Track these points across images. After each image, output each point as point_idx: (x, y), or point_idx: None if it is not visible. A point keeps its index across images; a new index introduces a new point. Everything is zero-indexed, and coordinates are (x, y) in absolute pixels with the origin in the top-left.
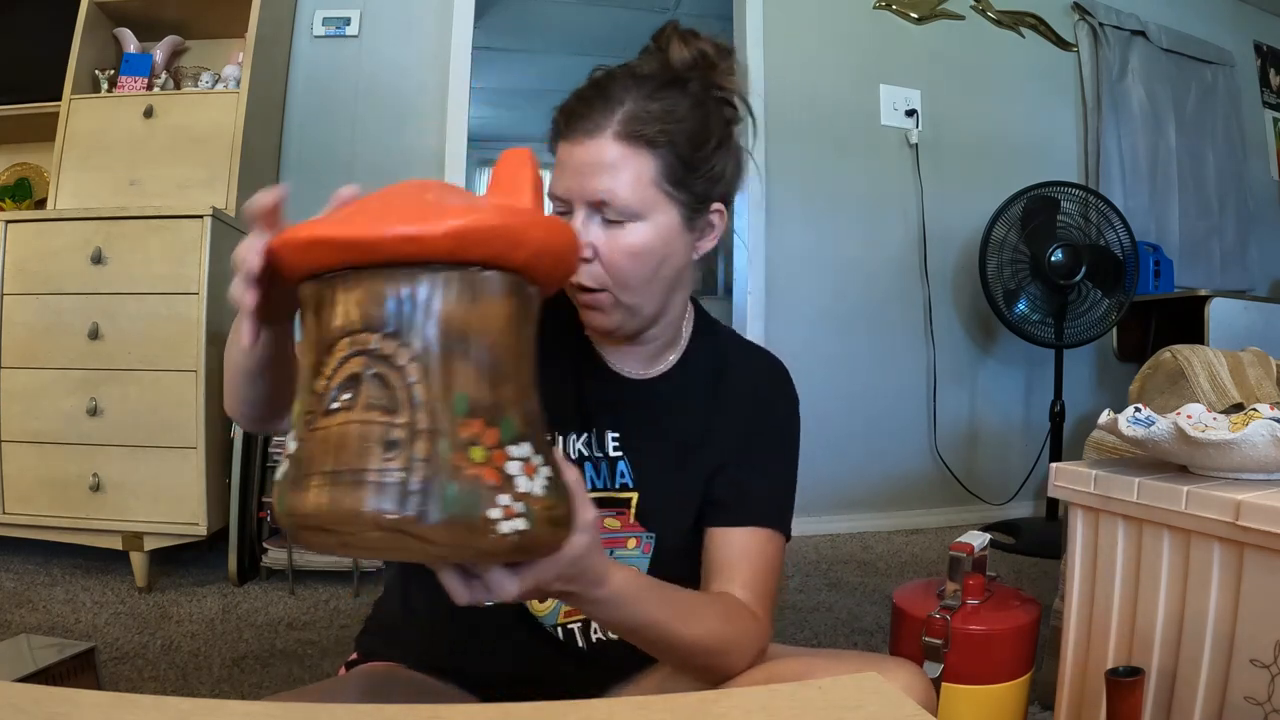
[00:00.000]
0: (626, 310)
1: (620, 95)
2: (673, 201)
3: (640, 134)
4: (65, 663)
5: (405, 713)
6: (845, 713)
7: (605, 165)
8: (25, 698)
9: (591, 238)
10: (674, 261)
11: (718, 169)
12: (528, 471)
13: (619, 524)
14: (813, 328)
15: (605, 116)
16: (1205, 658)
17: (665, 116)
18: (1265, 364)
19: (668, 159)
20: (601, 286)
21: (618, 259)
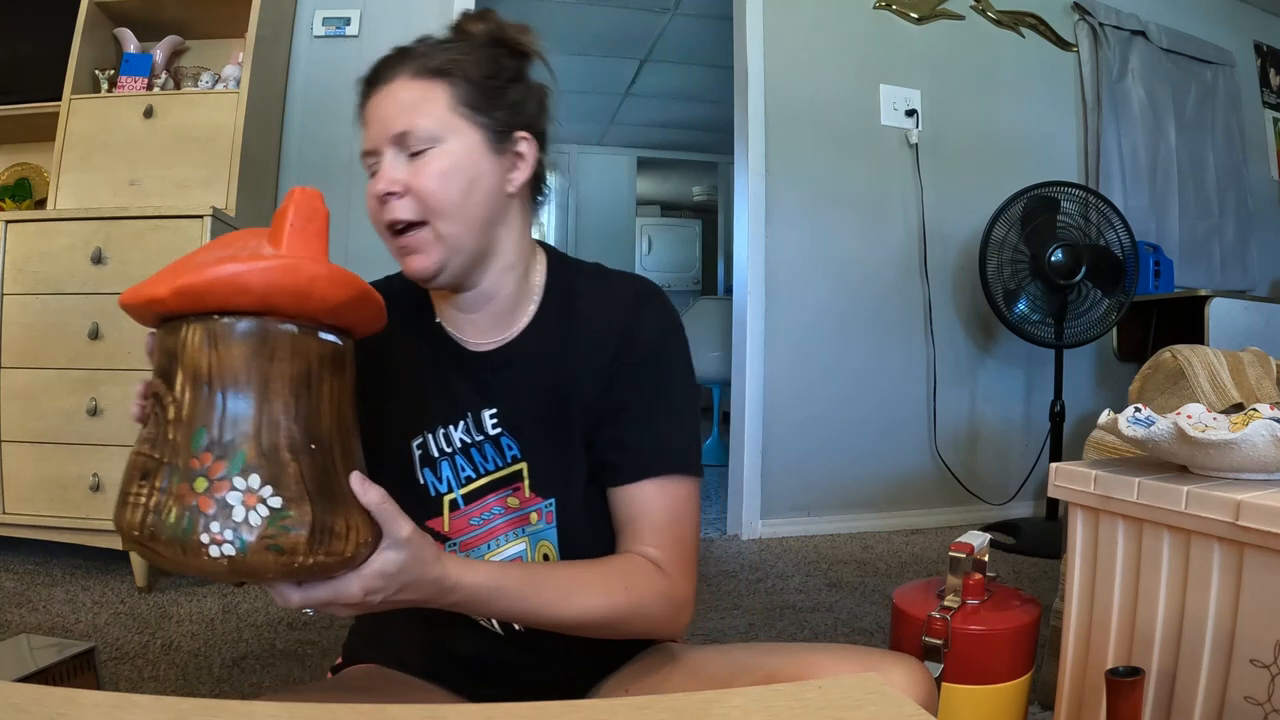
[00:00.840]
0: (447, 244)
1: (412, 49)
2: (472, 124)
3: (429, 67)
4: (65, 663)
5: (405, 713)
6: (845, 713)
7: (401, 102)
8: (25, 698)
9: (399, 174)
10: (485, 184)
11: (515, 99)
12: (248, 502)
13: (518, 501)
14: (812, 327)
15: (399, 64)
16: (1205, 658)
17: (453, 51)
18: (1265, 364)
19: (461, 85)
20: (418, 218)
21: (426, 183)
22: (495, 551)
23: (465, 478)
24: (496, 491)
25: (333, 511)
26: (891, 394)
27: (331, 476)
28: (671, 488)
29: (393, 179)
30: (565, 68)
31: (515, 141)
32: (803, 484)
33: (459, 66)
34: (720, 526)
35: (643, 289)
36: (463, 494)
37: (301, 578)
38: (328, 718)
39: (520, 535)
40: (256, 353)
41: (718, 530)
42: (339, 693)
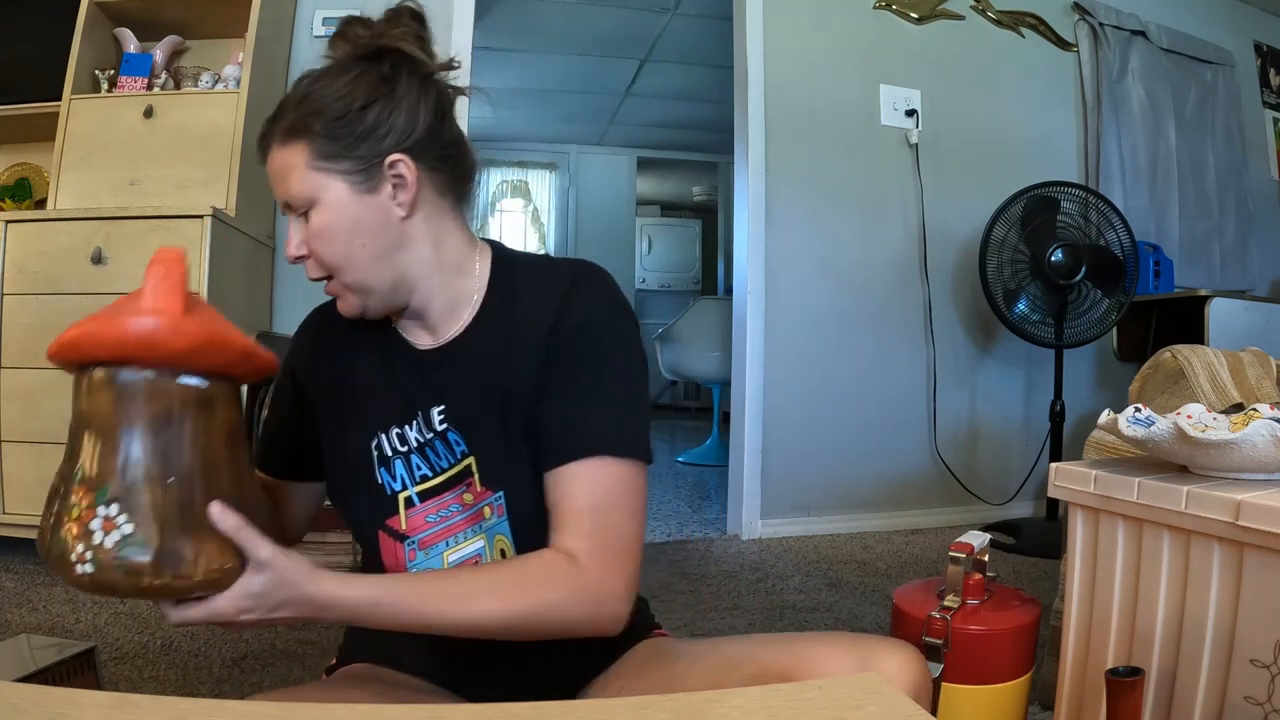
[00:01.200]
0: (357, 290)
1: (285, 106)
2: (333, 174)
3: (290, 131)
4: (65, 663)
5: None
6: (845, 713)
7: (275, 172)
8: (25, 698)
9: (300, 235)
10: (368, 228)
11: (372, 125)
12: (105, 527)
13: (471, 496)
14: (813, 328)
15: (271, 128)
16: (1205, 658)
17: (309, 102)
18: (1265, 364)
19: (315, 139)
20: (323, 275)
21: (313, 245)
22: (453, 549)
23: (421, 475)
24: (452, 489)
25: (183, 539)
26: (891, 394)
27: (188, 507)
28: (599, 470)
29: (296, 244)
30: (565, 68)
31: (388, 168)
32: (803, 484)
33: (310, 119)
34: (720, 526)
35: (579, 271)
36: (417, 491)
37: (155, 596)
38: (328, 718)
39: (478, 532)
40: (118, 398)
41: (718, 530)
42: (337, 691)
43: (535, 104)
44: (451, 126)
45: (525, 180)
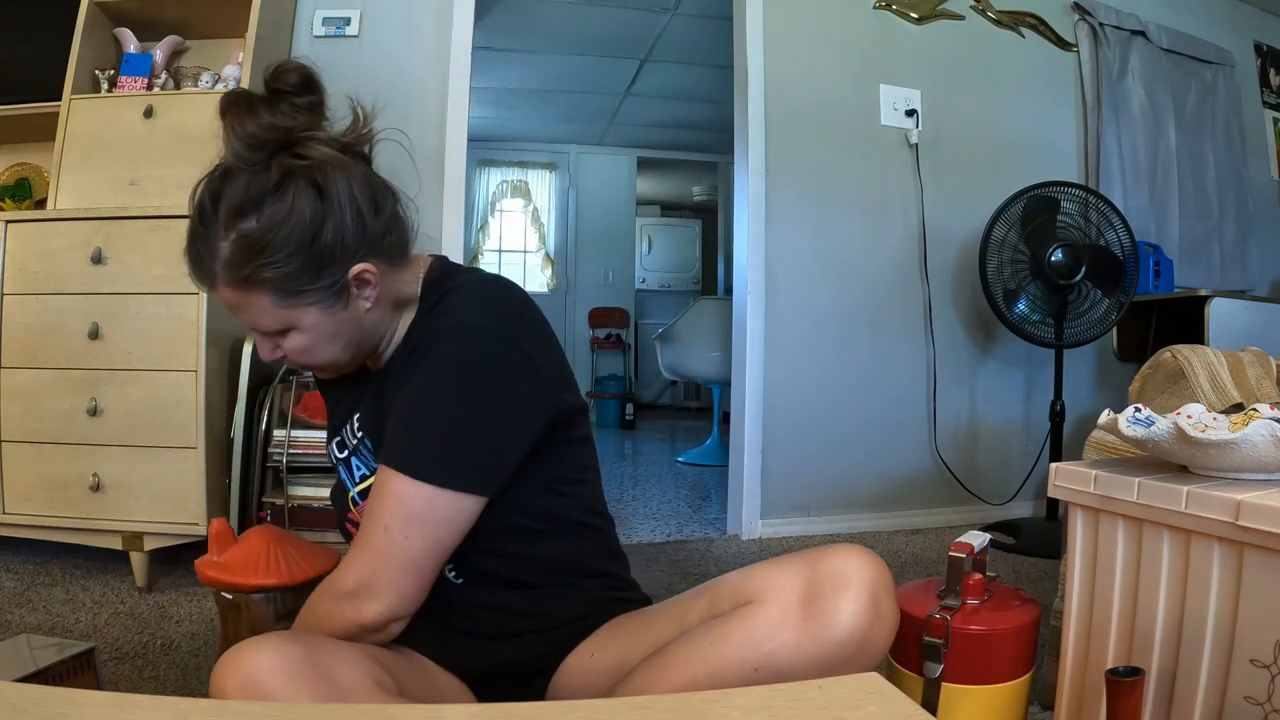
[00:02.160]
0: (333, 369)
1: (212, 240)
2: (303, 307)
3: (241, 279)
4: (65, 663)
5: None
6: (845, 712)
7: (234, 306)
8: (25, 698)
9: (270, 345)
10: (345, 333)
11: (329, 251)
12: None
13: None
14: (813, 327)
15: (209, 273)
16: (1205, 658)
17: (253, 249)
18: (1265, 364)
19: (276, 284)
20: (308, 368)
21: (294, 357)
22: None
23: (361, 475)
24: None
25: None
26: (891, 394)
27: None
28: (381, 480)
29: (269, 351)
30: (565, 68)
31: (353, 280)
32: (803, 484)
33: (263, 269)
34: (720, 526)
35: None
36: (358, 490)
37: None
38: (328, 718)
39: None
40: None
41: (718, 530)
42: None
43: (535, 104)
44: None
45: (525, 180)
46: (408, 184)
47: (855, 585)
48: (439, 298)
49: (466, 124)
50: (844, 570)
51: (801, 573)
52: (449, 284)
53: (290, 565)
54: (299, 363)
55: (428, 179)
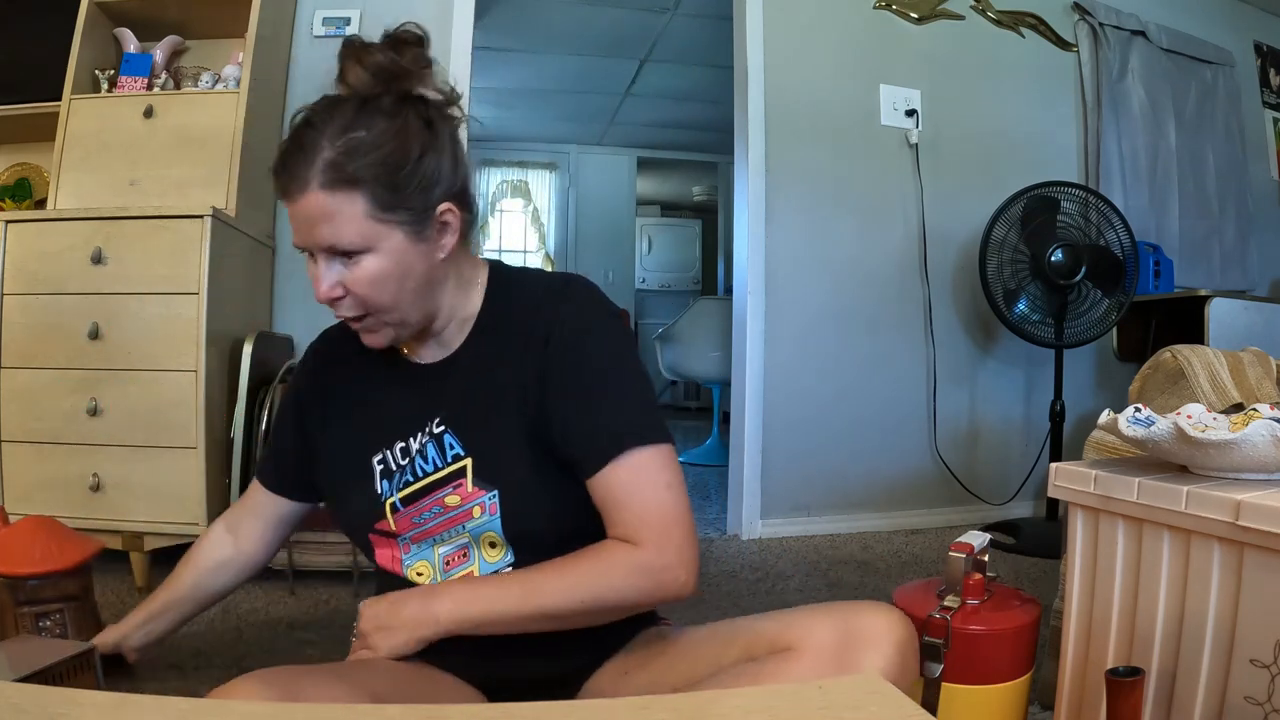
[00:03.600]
0: (393, 326)
1: (315, 143)
2: (392, 225)
3: (340, 179)
4: (65, 663)
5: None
6: (845, 713)
7: (320, 217)
8: (26, 698)
9: (336, 276)
10: (417, 273)
11: (429, 176)
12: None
13: (459, 498)
14: (812, 328)
15: (307, 170)
16: (1205, 658)
17: (359, 151)
18: (1265, 364)
19: (374, 191)
20: (361, 313)
21: (361, 290)
22: (442, 544)
23: (404, 482)
24: (435, 492)
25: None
26: (891, 394)
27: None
28: (627, 464)
29: (332, 285)
30: (565, 68)
31: (438, 216)
32: (802, 484)
33: (370, 168)
34: (720, 526)
35: (561, 284)
36: (400, 497)
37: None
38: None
39: (460, 532)
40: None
41: (718, 530)
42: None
43: (535, 104)
44: (466, 159)
45: (525, 180)
46: None
47: (886, 644)
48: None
49: (467, 125)
50: (876, 628)
51: (837, 625)
52: (517, 274)
53: (45, 554)
54: (361, 296)
55: None
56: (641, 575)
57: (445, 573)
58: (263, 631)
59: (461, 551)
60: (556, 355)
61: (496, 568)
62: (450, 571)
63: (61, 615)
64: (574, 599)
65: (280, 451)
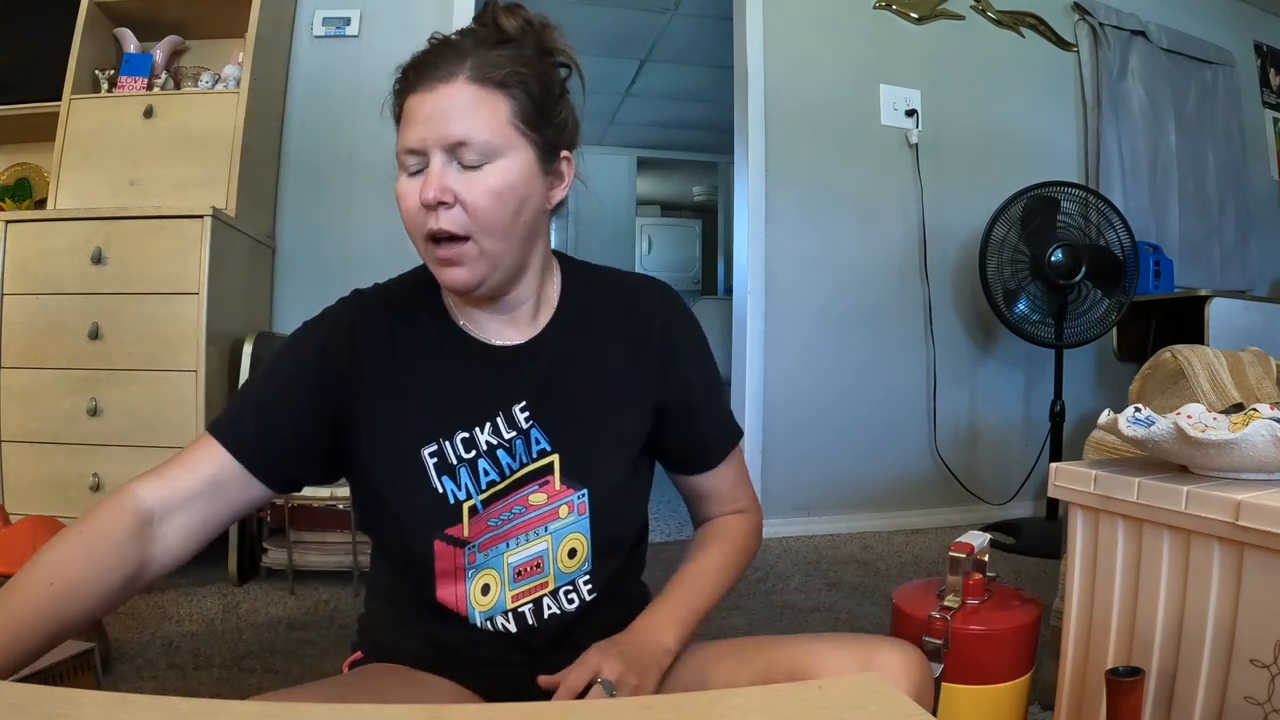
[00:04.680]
0: (490, 258)
1: (467, 47)
2: (529, 141)
3: (492, 77)
4: (65, 663)
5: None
6: (846, 713)
7: (461, 108)
8: (25, 698)
9: (450, 183)
10: (532, 204)
11: (563, 117)
12: None
13: (545, 496)
14: (813, 328)
15: (457, 64)
16: (1205, 658)
17: (513, 61)
18: (1265, 364)
19: (521, 99)
20: (465, 233)
21: (481, 200)
22: (513, 551)
23: (488, 482)
24: (518, 490)
25: None
26: (891, 394)
27: None
28: (737, 453)
29: (444, 187)
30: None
31: (559, 160)
32: (802, 484)
33: (520, 80)
34: None
35: (651, 283)
36: (482, 499)
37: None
38: (328, 717)
39: (541, 534)
40: None
41: None
42: (341, 690)
43: None
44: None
45: None
46: None
47: (903, 683)
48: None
49: None
50: (893, 667)
51: (855, 659)
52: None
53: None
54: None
55: None
56: (760, 532)
57: (515, 584)
58: (263, 631)
59: (535, 562)
60: (682, 364)
61: (572, 579)
62: (520, 583)
63: None
64: (739, 571)
65: (274, 424)
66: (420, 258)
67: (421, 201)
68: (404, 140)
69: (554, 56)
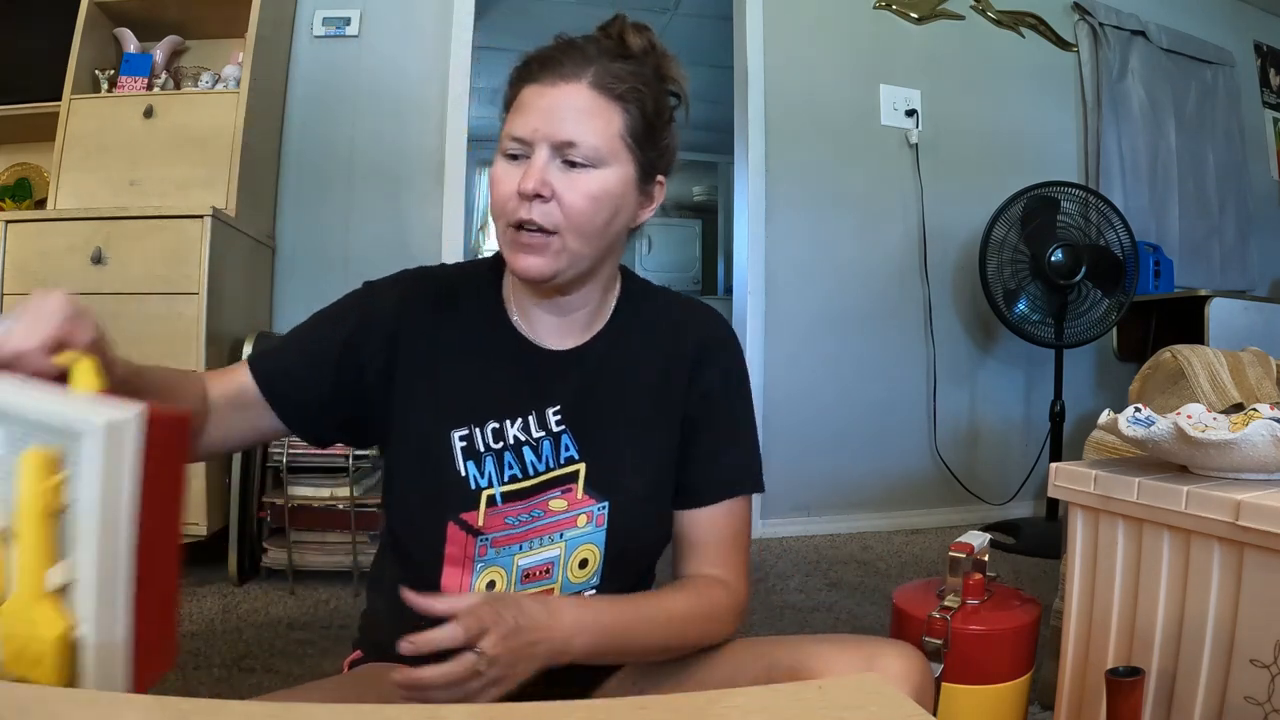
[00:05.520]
0: (570, 256)
1: (593, 53)
2: (632, 157)
3: (612, 88)
4: None
5: (405, 713)
6: (845, 713)
7: (577, 110)
8: (25, 698)
9: (550, 178)
10: (623, 217)
11: (666, 142)
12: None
13: (566, 503)
14: (812, 328)
15: (580, 67)
16: (1205, 658)
17: (634, 78)
18: (1265, 364)
19: (634, 116)
20: (554, 228)
21: (577, 201)
22: (525, 554)
23: (510, 476)
24: (542, 494)
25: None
26: (891, 394)
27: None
28: (740, 507)
29: (545, 181)
30: None
31: (654, 183)
32: (803, 484)
33: (638, 97)
34: None
35: (704, 309)
36: (502, 491)
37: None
38: (328, 717)
39: (556, 540)
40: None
41: None
42: (341, 690)
43: None
44: None
45: None
46: (409, 184)
47: (904, 686)
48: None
49: (466, 124)
50: (895, 670)
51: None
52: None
53: None
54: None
55: (428, 179)
56: (736, 621)
57: (521, 585)
58: (263, 631)
59: (545, 568)
60: (714, 374)
61: (579, 589)
62: (526, 585)
63: None
64: (694, 643)
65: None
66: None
67: (519, 190)
68: (512, 127)
69: (668, 84)
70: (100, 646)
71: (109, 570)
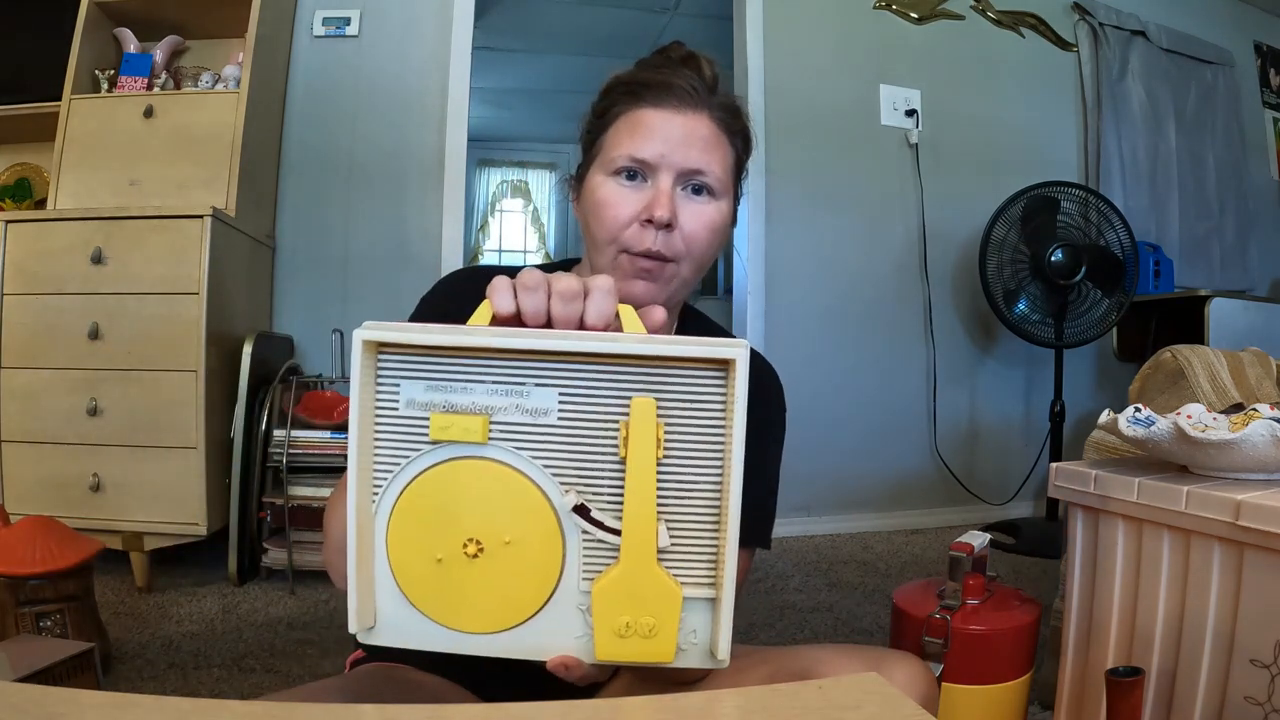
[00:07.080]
0: (680, 284)
1: (714, 80)
2: (731, 192)
3: (729, 123)
4: (65, 663)
5: (405, 713)
6: (845, 713)
7: (707, 140)
8: (25, 698)
9: (677, 206)
10: (719, 247)
11: (742, 182)
12: None
13: None
14: (812, 328)
15: (704, 98)
16: (1205, 658)
17: (741, 115)
18: (1265, 364)
19: (739, 152)
20: (674, 256)
21: (699, 231)
22: None
23: None
24: None
25: None
26: (892, 394)
27: None
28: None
29: (670, 209)
30: (565, 68)
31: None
32: (803, 484)
33: (742, 135)
34: None
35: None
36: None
37: None
38: (328, 717)
39: None
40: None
41: None
42: (342, 690)
43: (535, 104)
44: None
45: (525, 180)
46: (409, 184)
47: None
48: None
49: (466, 124)
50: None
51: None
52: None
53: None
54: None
55: (428, 179)
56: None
57: None
58: (263, 631)
59: None
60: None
61: None
62: None
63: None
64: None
65: None
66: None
67: (654, 218)
68: (633, 149)
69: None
70: (724, 610)
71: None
